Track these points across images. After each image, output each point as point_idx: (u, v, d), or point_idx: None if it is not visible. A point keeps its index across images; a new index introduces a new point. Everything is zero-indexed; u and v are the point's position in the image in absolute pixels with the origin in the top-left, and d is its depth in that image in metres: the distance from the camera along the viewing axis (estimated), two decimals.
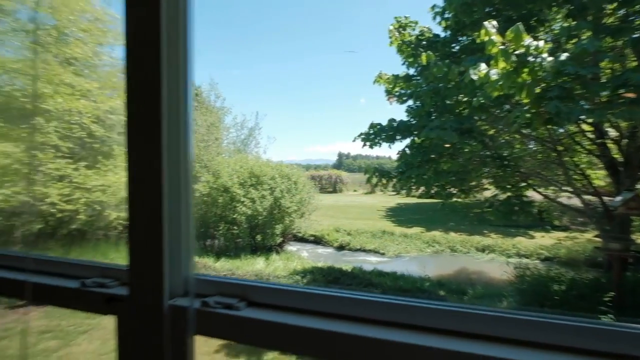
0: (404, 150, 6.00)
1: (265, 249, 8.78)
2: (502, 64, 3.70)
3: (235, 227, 8.44)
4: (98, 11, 7.67)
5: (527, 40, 3.67)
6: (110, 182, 7.29)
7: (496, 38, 3.68)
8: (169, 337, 0.53)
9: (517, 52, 3.68)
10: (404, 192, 6.71)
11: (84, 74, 7.65)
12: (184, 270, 0.56)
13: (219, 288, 0.53)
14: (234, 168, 8.85)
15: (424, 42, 6.18)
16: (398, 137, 5.99)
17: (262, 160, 9.92)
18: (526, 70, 3.70)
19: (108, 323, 4.90)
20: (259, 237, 8.78)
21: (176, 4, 0.54)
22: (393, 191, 7.98)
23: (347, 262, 8.50)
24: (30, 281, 0.59)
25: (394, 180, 5.91)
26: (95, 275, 0.62)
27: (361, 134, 6.24)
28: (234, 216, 8.30)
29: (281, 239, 9.14)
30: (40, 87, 6.34)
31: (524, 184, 6.22)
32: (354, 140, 6.45)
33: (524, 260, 8.40)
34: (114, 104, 7.71)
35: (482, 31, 3.74)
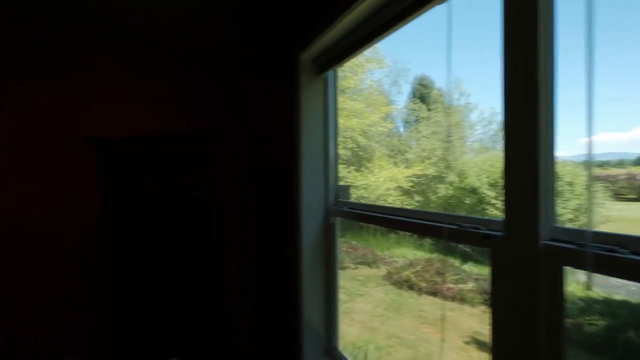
0: None
1: None
2: None
3: None
4: None
5: None
6: (370, 182, 9.10)
7: None
8: (542, 267, 0.72)
9: None
10: None
11: (354, 98, 9.98)
12: (550, 222, 0.74)
13: (594, 238, 0.66)
14: (482, 167, 8.34)
15: None
16: None
17: None
18: None
19: (377, 293, 6.17)
20: None
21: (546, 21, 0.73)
22: None
23: None
24: (444, 227, 1.00)
25: None
26: (468, 223, 0.94)
27: None
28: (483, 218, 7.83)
29: None
30: None
31: None
32: None
33: None
34: (373, 118, 9.60)
35: None
